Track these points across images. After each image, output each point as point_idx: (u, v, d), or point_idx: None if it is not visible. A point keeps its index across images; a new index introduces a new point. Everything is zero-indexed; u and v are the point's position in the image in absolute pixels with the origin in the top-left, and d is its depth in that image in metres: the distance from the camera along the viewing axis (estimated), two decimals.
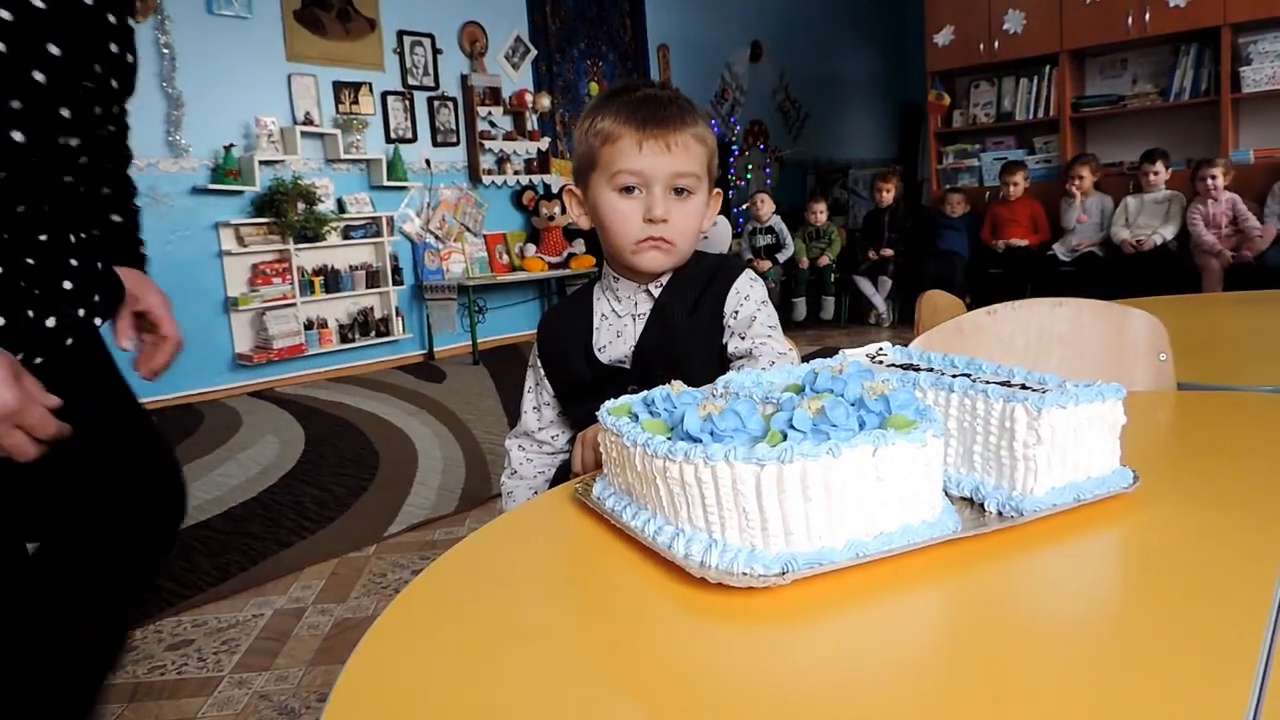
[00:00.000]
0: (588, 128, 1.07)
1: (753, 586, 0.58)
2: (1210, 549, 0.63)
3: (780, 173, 8.52)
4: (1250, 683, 0.45)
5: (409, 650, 0.58)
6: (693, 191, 1.07)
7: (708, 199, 1.10)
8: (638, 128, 1.03)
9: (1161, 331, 1.07)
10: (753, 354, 1.04)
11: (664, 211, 1.04)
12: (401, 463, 3.42)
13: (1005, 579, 0.62)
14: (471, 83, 6.26)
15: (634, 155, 1.04)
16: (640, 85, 1.09)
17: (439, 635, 0.59)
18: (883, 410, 0.64)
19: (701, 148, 1.07)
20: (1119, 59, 5.82)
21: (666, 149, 1.04)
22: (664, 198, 1.05)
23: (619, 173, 1.05)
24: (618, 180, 1.05)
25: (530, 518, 0.83)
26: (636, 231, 1.05)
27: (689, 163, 1.05)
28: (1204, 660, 0.48)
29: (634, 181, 1.05)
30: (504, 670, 0.54)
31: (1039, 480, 0.67)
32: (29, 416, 0.87)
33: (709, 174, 1.09)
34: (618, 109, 1.05)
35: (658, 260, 1.08)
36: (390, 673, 0.55)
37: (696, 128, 1.06)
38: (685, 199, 1.06)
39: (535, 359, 1.18)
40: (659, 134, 1.03)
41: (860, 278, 6.29)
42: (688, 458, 0.61)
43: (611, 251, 1.11)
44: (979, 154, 6.32)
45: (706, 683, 0.51)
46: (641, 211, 1.05)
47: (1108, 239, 5.36)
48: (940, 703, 0.47)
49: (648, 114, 1.04)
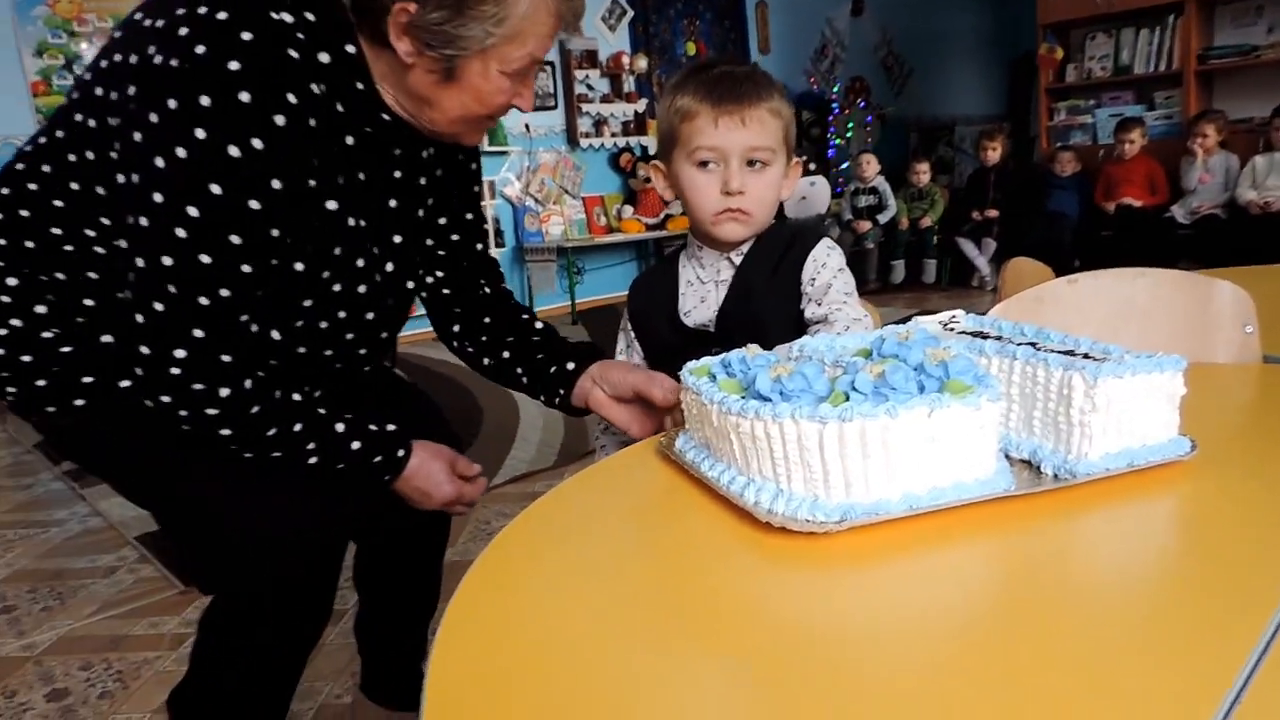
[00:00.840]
0: (669, 105, 1.14)
1: (813, 532, 0.64)
2: (1256, 521, 0.65)
3: (882, 130, 8.33)
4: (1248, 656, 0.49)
5: (508, 585, 0.66)
6: (768, 163, 1.12)
7: (785, 169, 1.15)
8: (713, 104, 1.09)
9: (1249, 303, 1.07)
10: (828, 319, 1.09)
11: (740, 184, 1.10)
12: (504, 419, 3.57)
13: (1054, 537, 0.67)
14: (569, 46, 6.33)
15: (710, 131, 1.09)
16: (718, 63, 1.14)
17: (535, 571, 0.68)
18: (942, 375, 0.69)
19: (776, 121, 1.11)
20: (1253, 6, 5.46)
21: (741, 124, 1.09)
22: (740, 171, 1.10)
23: (697, 149, 1.11)
24: (696, 155, 1.11)
25: (619, 468, 0.91)
26: (714, 203, 1.11)
27: (763, 136, 1.10)
28: (1218, 625, 0.52)
29: (711, 156, 1.11)
30: (590, 603, 0.62)
31: (1094, 445, 0.71)
32: (465, 499, 1.19)
33: (786, 146, 1.14)
34: (695, 87, 1.11)
35: (735, 230, 1.13)
36: (489, 606, 0.62)
37: (771, 102, 1.11)
38: (761, 171, 1.12)
39: (626, 323, 1.25)
40: (734, 110, 1.09)
41: (963, 239, 6.15)
42: (758, 415, 0.67)
43: (693, 222, 1.17)
44: (1093, 110, 6.05)
45: (767, 617, 0.59)
46: (719, 185, 1.11)
47: (1232, 201, 5.09)
48: (981, 648, 0.52)
49: (723, 91, 1.09)
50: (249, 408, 1.00)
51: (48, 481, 3.32)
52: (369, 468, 1.09)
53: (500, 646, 0.57)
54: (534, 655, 0.55)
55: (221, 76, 0.90)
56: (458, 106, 1.04)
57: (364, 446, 1.08)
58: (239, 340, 0.98)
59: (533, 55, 1.02)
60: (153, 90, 0.91)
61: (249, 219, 0.93)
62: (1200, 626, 0.52)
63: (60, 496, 3.12)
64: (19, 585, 2.33)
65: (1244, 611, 0.52)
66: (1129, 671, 0.48)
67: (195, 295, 0.94)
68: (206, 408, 0.98)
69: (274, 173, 0.93)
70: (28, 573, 2.42)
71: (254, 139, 0.91)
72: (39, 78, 4.40)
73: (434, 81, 1.01)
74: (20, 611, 2.17)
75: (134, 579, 2.33)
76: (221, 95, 0.90)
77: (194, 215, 0.92)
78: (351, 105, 1.02)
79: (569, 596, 0.63)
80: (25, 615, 2.14)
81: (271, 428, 1.02)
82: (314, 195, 0.99)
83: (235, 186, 0.92)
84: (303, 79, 0.95)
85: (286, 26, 0.95)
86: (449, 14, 0.95)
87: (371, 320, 1.13)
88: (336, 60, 1.00)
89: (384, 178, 1.11)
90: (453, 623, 0.60)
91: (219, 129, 0.90)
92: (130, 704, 1.71)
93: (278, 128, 0.92)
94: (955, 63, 9.07)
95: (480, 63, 0.99)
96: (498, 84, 1.02)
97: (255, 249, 0.95)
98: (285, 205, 0.95)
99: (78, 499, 3.05)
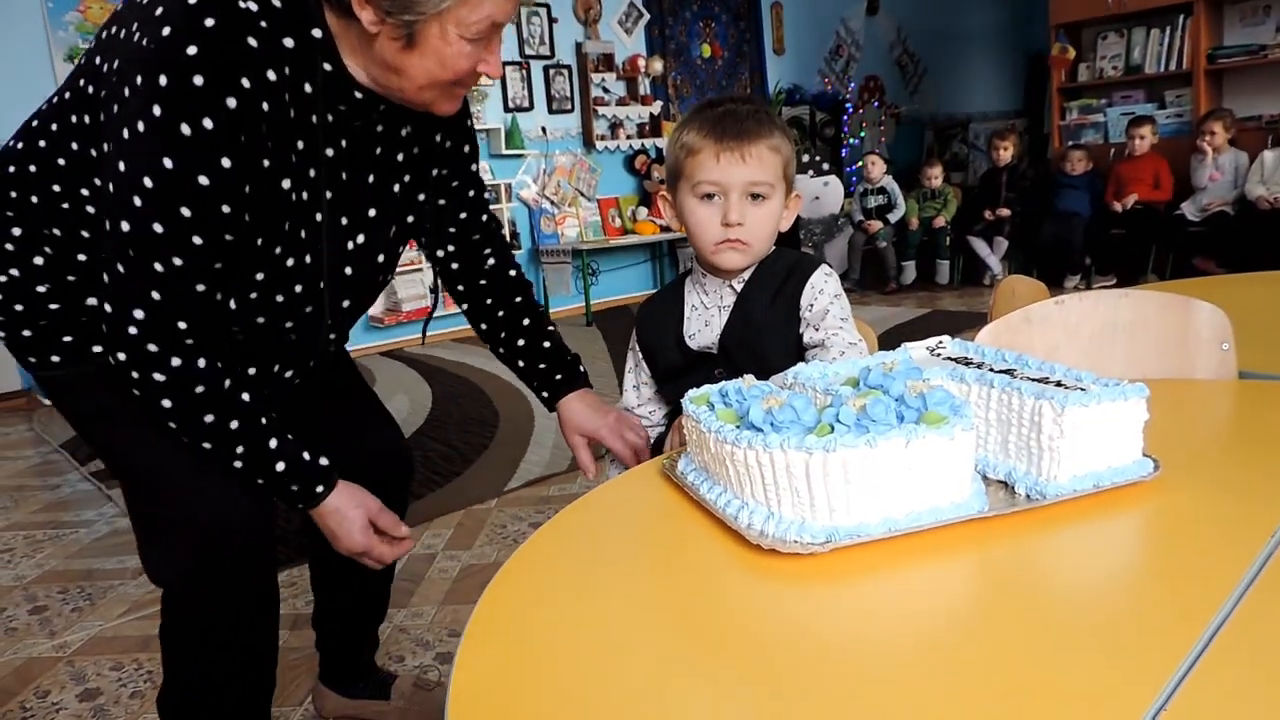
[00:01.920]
0: (676, 141, 1.20)
1: (799, 553, 0.70)
2: (1213, 535, 0.71)
3: (896, 129, 8.35)
4: (1182, 659, 0.55)
5: (527, 594, 0.73)
6: (767, 197, 1.18)
7: (784, 202, 1.21)
8: (716, 140, 1.15)
9: (1226, 323, 1.12)
10: (825, 344, 1.16)
11: (739, 215, 1.16)
12: (519, 422, 3.64)
13: (1024, 554, 0.73)
14: (586, 50, 6.39)
15: (712, 166, 1.16)
16: (724, 101, 1.20)
17: (550, 581, 0.75)
18: (920, 406, 0.75)
19: (776, 157, 1.18)
20: (1262, 5, 5.46)
21: (742, 160, 1.15)
22: (739, 203, 1.16)
23: (699, 182, 1.17)
24: (699, 189, 1.18)
25: (627, 487, 0.98)
26: (715, 234, 1.18)
27: (763, 172, 1.17)
28: (1162, 631, 0.58)
29: (713, 190, 1.17)
30: (598, 615, 0.68)
31: (1062, 468, 0.77)
32: (374, 554, 1.21)
33: (785, 180, 1.20)
34: (700, 124, 1.17)
35: (734, 259, 1.20)
36: (511, 612, 0.70)
37: (771, 139, 1.17)
38: (760, 204, 1.18)
39: (635, 343, 1.32)
40: (735, 146, 1.15)
41: (974, 238, 6.18)
42: (750, 444, 0.74)
43: (696, 251, 1.24)
44: (1105, 109, 6.07)
45: (758, 630, 0.65)
46: (719, 216, 1.17)
47: (1242, 197, 5.11)
48: (957, 657, 0.58)
49: (726, 128, 1.16)
50: (194, 385, 1.05)
51: (75, 482, 3.40)
52: (286, 492, 1.14)
53: (515, 656, 0.63)
54: (547, 664, 0.62)
55: (180, 59, 0.95)
56: (423, 73, 1.06)
57: (287, 469, 1.12)
58: (195, 309, 1.04)
59: (492, 19, 1.04)
60: (126, 65, 0.98)
61: (198, 193, 0.98)
62: (1147, 632, 0.58)
63: (88, 497, 3.20)
64: (50, 586, 2.41)
65: (1186, 618, 0.58)
66: (1085, 673, 0.54)
67: (150, 261, 1.00)
68: (155, 372, 1.03)
69: (223, 151, 0.98)
70: (58, 573, 2.50)
71: (205, 119, 0.96)
72: None
73: (398, 49, 1.04)
74: (51, 612, 2.25)
75: None
76: (178, 77, 0.95)
77: (148, 186, 0.97)
78: (320, 85, 1.07)
79: (580, 609, 0.69)
80: (57, 616, 2.22)
81: (209, 414, 1.07)
82: (268, 173, 1.04)
83: (185, 161, 0.97)
84: (261, 65, 1.00)
85: (250, 14, 1.00)
86: None
87: (328, 290, 1.16)
88: (301, 43, 1.04)
89: (359, 153, 1.15)
90: (474, 632, 0.66)
91: (173, 108, 0.95)
92: None
93: (229, 110, 0.97)
94: (970, 60, 9.06)
95: (438, 26, 1.02)
96: (459, 48, 1.05)
97: (205, 222, 1.00)
98: (235, 181, 1.00)
99: (105, 499, 3.13)
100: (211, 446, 1.09)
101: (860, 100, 8.10)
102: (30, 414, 4.60)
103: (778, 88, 7.45)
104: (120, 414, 1.13)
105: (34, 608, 2.28)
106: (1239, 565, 0.63)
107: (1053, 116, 6.37)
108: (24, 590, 2.40)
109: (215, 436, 1.08)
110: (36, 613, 2.25)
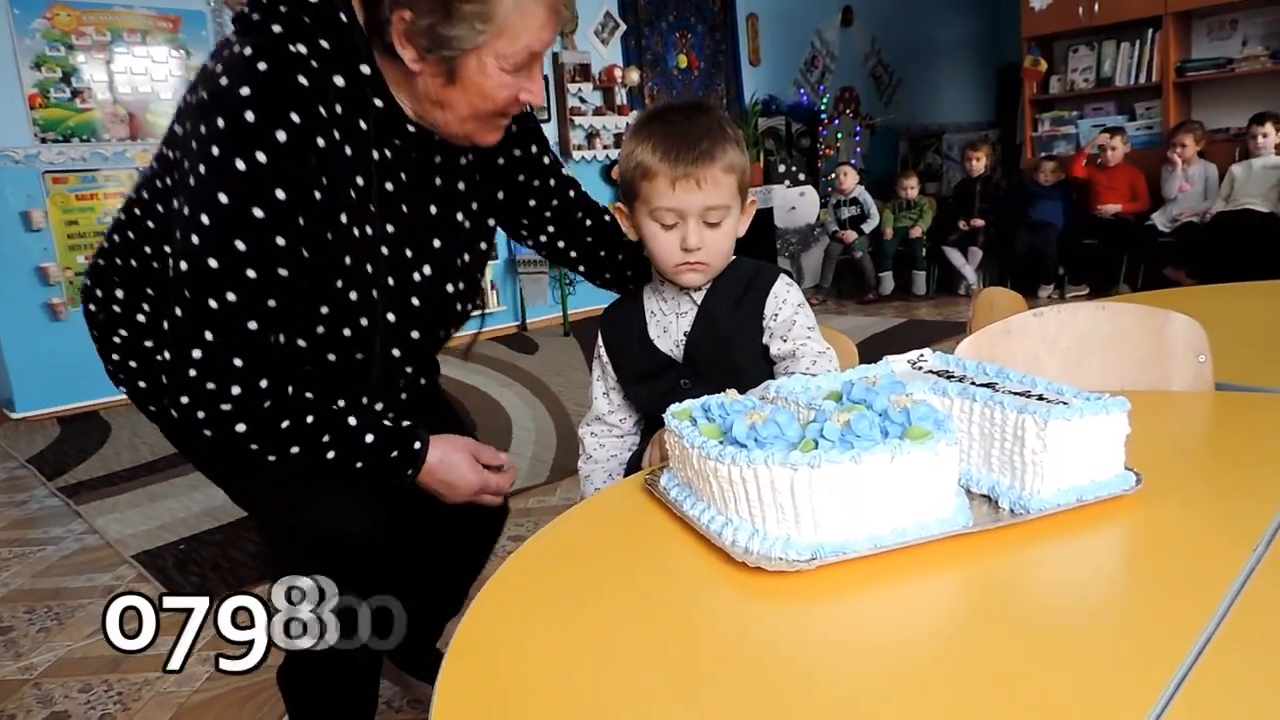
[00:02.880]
0: (629, 156, 1.18)
1: (784, 570, 0.70)
2: (1193, 546, 0.72)
3: (871, 140, 8.42)
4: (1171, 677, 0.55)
5: (510, 612, 0.72)
6: (723, 219, 1.18)
7: (740, 216, 1.21)
8: (670, 165, 1.14)
9: (1201, 335, 1.13)
10: (795, 355, 1.17)
11: (697, 241, 1.16)
12: (497, 433, 3.62)
13: (1008, 569, 0.73)
14: (562, 60, 6.39)
15: (668, 194, 1.15)
16: (673, 112, 1.18)
17: (533, 600, 0.73)
18: (904, 422, 0.74)
19: (731, 177, 1.17)
20: (1228, 19, 5.56)
21: (697, 186, 1.14)
22: (696, 229, 1.16)
23: (656, 208, 1.17)
24: (656, 215, 1.17)
25: (609, 501, 0.97)
26: (675, 257, 1.18)
27: (718, 196, 1.16)
28: (1149, 644, 0.58)
29: (669, 217, 1.17)
30: (581, 632, 0.67)
31: (1045, 482, 0.77)
32: (492, 488, 1.24)
33: (741, 193, 1.20)
34: (654, 143, 1.15)
35: (694, 279, 1.21)
36: (494, 630, 0.69)
37: (725, 158, 1.15)
38: (716, 227, 1.18)
39: (600, 349, 1.32)
40: (690, 172, 1.14)
41: (950, 248, 6.22)
42: (734, 461, 0.73)
43: (655, 268, 1.24)
44: (1077, 121, 6.15)
45: (743, 647, 0.64)
46: (678, 241, 1.17)
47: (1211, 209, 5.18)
48: (943, 673, 0.58)
49: (680, 152, 1.14)
50: (262, 402, 1.06)
51: (42, 498, 3.34)
52: (387, 462, 1.14)
53: (497, 674, 0.62)
54: (529, 683, 0.61)
55: (234, 101, 1.00)
56: (465, 106, 1.10)
57: (377, 440, 1.13)
58: (250, 346, 1.05)
59: (529, 48, 1.08)
60: (192, 120, 1.04)
61: (253, 225, 1.02)
62: (1133, 646, 0.59)
63: (55, 513, 3.14)
64: (15, 605, 2.36)
65: (1174, 632, 0.58)
66: (1071, 687, 0.54)
67: (205, 297, 1.02)
68: (220, 404, 1.05)
69: (277, 184, 1.01)
70: (25, 592, 2.45)
71: (257, 153, 1.00)
72: (35, 90, 4.42)
73: (440, 84, 1.08)
74: (18, 633, 2.20)
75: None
76: (231, 117, 1.00)
77: (205, 223, 1.01)
78: (374, 121, 1.11)
79: (562, 628, 0.68)
80: (23, 637, 2.17)
81: (284, 420, 1.08)
82: (325, 207, 1.06)
83: (240, 195, 1.01)
84: (311, 101, 1.03)
85: (300, 56, 1.04)
86: (438, 17, 1.03)
87: (395, 323, 1.17)
88: (352, 81, 1.08)
89: (419, 186, 1.19)
90: (457, 650, 0.65)
91: (228, 146, 1.00)
92: None
93: (279, 143, 1.01)
94: (944, 72, 9.16)
95: (476, 60, 1.06)
96: (498, 79, 1.08)
97: (260, 256, 1.03)
98: (290, 214, 1.03)
99: (73, 515, 3.08)
100: (300, 449, 1.10)
101: (835, 111, 8.16)
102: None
103: (754, 98, 7.49)
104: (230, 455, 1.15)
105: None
106: (1224, 578, 0.63)
107: (1025, 128, 6.44)
108: None
109: (298, 438, 1.09)
110: (2, 634, 2.20)
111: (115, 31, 4.62)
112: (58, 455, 3.92)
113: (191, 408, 1.05)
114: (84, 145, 4.58)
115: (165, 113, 4.79)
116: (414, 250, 1.18)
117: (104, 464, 3.70)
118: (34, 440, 4.21)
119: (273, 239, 1.02)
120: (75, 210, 4.57)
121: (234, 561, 2.54)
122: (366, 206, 1.11)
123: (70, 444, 4.09)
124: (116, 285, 1.20)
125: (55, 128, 4.50)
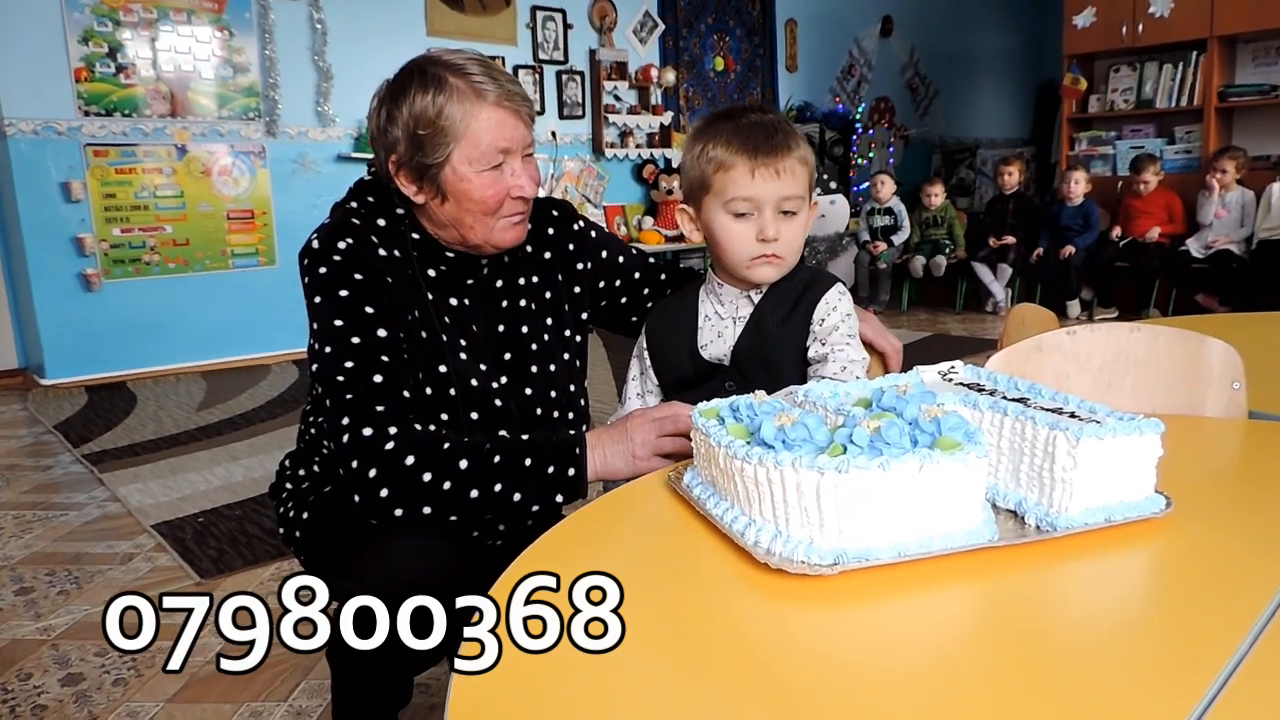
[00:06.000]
0: (699, 153, 1.18)
1: (806, 574, 0.69)
2: (1222, 574, 0.70)
3: (905, 151, 8.38)
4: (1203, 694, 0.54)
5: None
6: (798, 210, 1.18)
7: (809, 213, 1.21)
8: (749, 156, 1.14)
9: (1238, 361, 1.11)
10: (827, 358, 1.16)
11: (775, 232, 1.15)
12: None
13: (1032, 586, 0.72)
14: (599, 57, 6.40)
15: (746, 182, 1.15)
16: (745, 111, 1.19)
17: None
18: (934, 431, 0.74)
19: (805, 169, 1.17)
20: (1274, 45, 5.48)
21: (776, 175, 1.14)
22: (774, 219, 1.15)
23: (733, 199, 1.16)
24: (732, 206, 1.16)
25: (630, 497, 0.96)
26: (751, 250, 1.17)
27: (795, 186, 1.16)
28: (1174, 670, 0.57)
29: (747, 207, 1.16)
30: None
31: (1074, 500, 0.76)
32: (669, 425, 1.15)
33: (810, 190, 1.20)
34: (729, 137, 1.15)
35: (769, 273, 1.19)
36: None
37: (800, 151, 1.16)
38: (792, 218, 1.17)
39: (642, 350, 1.31)
40: (769, 161, 1.14)
41: (979, 264, 6.18)
42: (760, 461, 0.73)
43: (725, 265, 1.22)
44: (1114, 141, 6.09)
45: (762, 648, 0.64)
46: (754, 232, 1.16)
47: (1250, 236, 5.12)
48: (961, 686, 0.57)
49: (758, 142, 1.14)
50: (439, 444, 1.11)
51: (67, 463, 3.39)
52: (557, 478, 1.13)
53: (515, 668, 0.62)
54: (547, 677, 0.61)
55: (317, 254, 1.20)
56: (466, 215, 1.20)
57: (534, 461, 1.13)
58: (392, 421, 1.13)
59: (495, 146, 1.18)
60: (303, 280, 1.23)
61: (365, 321, 1.16)
62: (1159, 671, 0.58)
63: (79, 479, 3.19)
64: (37, 567, 2.40)
65: (1198, 661, 0.57)
66: (1091, 710, 0.53)
67: (343, 394, 1.14)
68: (405, 458, 1.10)
69: (368, 304, 1.17)
70: (46, 555, 2.49)
71: (341, 290, 1.17)
72: (82, 64, 4.49)
73: (439, 204, 1.20)
74: (38, 594, 2.23)
75: (150, 567, 2.40)
76: (318, 265, 1.19)
77: (327, 350, 1.17)
78: (409, 252, 1.24)
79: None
80: (43, 598, 2.21)
81: (462, 459, 1.11)
82: (403, 325, 1.19)
83: (348, 311, 1.17)
84: (367, 239, 1.21)
85: (352, 209, 1.25)
86: (413, 149, 1.17)
87: (478, 420, 1.25)
88: (390, 221, 1.24)
89: (484, 306, 1.29)
90: (475, 640, 0.65)
91: (323, 287, 1.18)
92: (144, 693, 1.76)
93: (357, 281, 1.17)
94: (981, 86, 9.10)
95: (450, 170, 1.18)
96: (478, 182, 1.18)
97: (374, 347, 1.16)
98: (387, 316, 1.18)
99: (97, 483, 3.12)
100: (479, 494, 1.11)
101: (870, 121, 8.12)
102: (26, 393, 4.59)
103: (789, 104, 7.46)
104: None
105: (20, 589, 2.27)
106: (1252, 610, 0.63)
107: (1062, 146, 6.39)
108: (11, 571, 2.39)
109: (478, 476, 1.11)
110: (22, 594, 2.24)
111: (162, 10, 4.68)
112: (84, 423, 3.97)
113: (378, 483, 1.10)
114: (125, 120, 4.64)
115: (206, 91, 4.85)
116: (487, 364, 1.27)
117: (128, 434, 3.75)
118: (62, 407, 4.27)
119: (376, 330, 1.16)
120: (114, 183, 4.63)
121: (250, 536, 2.57)
122: (432, 325, 1.22)
123: (96, 413, 4.15)
124: (310, 449, 1.34)
125: (99, 101, 4.56)
